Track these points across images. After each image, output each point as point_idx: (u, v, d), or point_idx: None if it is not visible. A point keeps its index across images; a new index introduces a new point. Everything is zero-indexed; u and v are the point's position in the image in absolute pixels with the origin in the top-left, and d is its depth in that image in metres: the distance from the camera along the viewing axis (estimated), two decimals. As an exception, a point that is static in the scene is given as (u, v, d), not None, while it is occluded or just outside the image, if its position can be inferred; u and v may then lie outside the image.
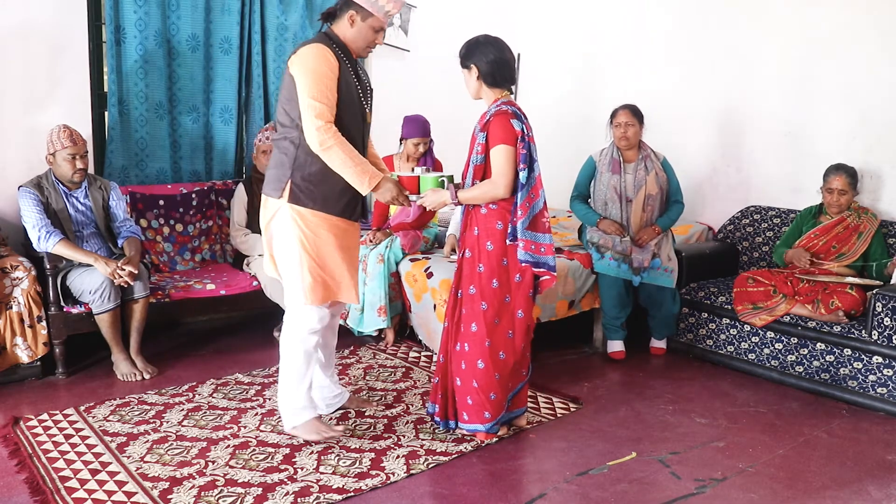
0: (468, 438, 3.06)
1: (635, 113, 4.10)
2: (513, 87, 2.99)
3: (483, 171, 2.91)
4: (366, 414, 3.30)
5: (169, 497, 2.56)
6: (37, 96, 4.07)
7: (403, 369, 3.89)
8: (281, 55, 4.80)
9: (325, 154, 2.73)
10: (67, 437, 3.02)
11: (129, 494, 2.57)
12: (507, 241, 2.90)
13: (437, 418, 3.11)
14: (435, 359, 3.99)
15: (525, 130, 2.85)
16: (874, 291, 3.46)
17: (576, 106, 5.60)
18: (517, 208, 2.86)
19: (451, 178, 2.97)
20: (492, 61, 2.88)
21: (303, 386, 2.96)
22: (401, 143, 4.39)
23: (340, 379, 3.72)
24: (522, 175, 2.84)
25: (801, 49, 4.35)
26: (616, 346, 4.15)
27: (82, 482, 2.65)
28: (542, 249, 2.90)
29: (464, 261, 3.02)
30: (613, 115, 4.16)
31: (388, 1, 2.81)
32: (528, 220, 2.86)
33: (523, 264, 2.90)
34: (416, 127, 4.24)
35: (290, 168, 2.82)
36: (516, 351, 2.99)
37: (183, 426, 3.14)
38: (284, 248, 2.87)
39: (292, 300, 2.92)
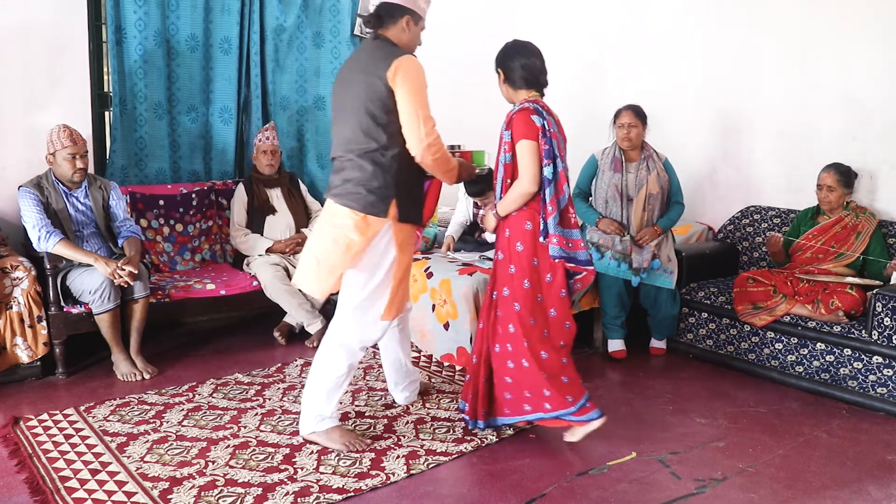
0: (468, 439, 3.06)
1: (638, 114, 4.10)
2: (542, 90, 3.03)
3: (512, 169, 2.95)
4: (366, 414, 3.30)
5: (169, 497, 2.56)
6: (37, 96, 4.07)
7: (403, 369, 3.89)
8: (280, 55, 4.80)
9: (433, 164, 2.79)
10: (67, 437, 3.02)
11: (129, 494, 2.57)
12: (541, 239, 2.92)
13: (467, 416, 3.11)
14: (436, 358, 4.00)
15: (546, 126, 2.88)
16: (874, 291, 3.47)
17: (577, 106, 5.58)
18: (546, 204, 2.90)
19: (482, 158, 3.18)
20: (516, 66, 2.96)
21: (336, 396, 2.95)
22: None
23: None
24: (547, 170, 2.87)
25: (802, 49, 4.35)
26: (616, 345, 4.16)
27: (82, 482, 2.65)
28: (571, 245, 2.94)
29: (497, 263, 3.04)
30: (617, 115, 4.16)
31: (426, 2, 2.89)
32: (558, 215, 2.90)
33: (556, 260, 2.92)
34: None
35: (395, 185, 2.78)
36: (556, 348, 2.98)
37: (183, 426, 3.14)
38: (374, 267, 2.83)
39: (356, 314, 2.87)
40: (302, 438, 3.00)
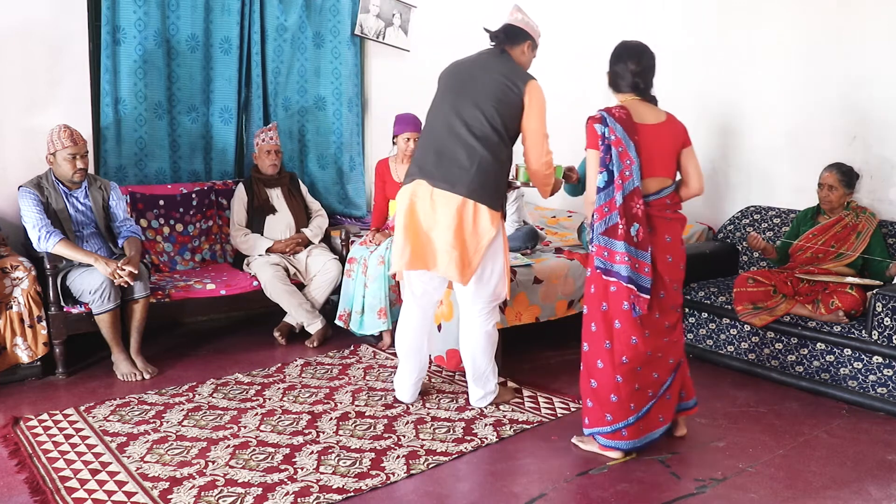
0: (468, 439, 3.06)
1: None
2: (638, 93, 3.00)
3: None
4: (367, 414, 3.30)
5: (169, 497, 2.56)
6: (37, 96, 4.07)
7: (403, 369, 3.88)
8: (280, 55, 4.80)
9: (543, 178, 3.24)
10: (67, 437, 3.02)
11: (129, 494, 2.57)
12: (590, 248, 2.91)
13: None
14: (433, 359, 4.00)
15: (607, 134, 2.83)
16: (874, 291, 3.46)
17: (573, 105, 5.58)
18: (594, 212, 2.85)
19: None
20: (611, 71, 3.04)
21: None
22: (393, 145, 4.39)
23: (341, 378, 3.72)
24: (600, 178, 2.84)
25: (802, 49, 4.35)
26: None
27: (82, 482, 2.65)
28: (617, 258, 2.80)
29: None
30: None
31: (539, 34, 3.28)
32: (604, 225, 2.83)
33: (596, 270, 2.87)
34: (407, 122, 4.26)
35: (503, 184, 3.18)
36: (614, 363, 2.86)
37: (183, 426, 3.14)
38: (497, 256, 3.18)
39: (492, 300, 3.23)
40: (479, 408, 3.38)
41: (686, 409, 3.12)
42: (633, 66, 2.95)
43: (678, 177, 3.06)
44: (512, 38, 3.19)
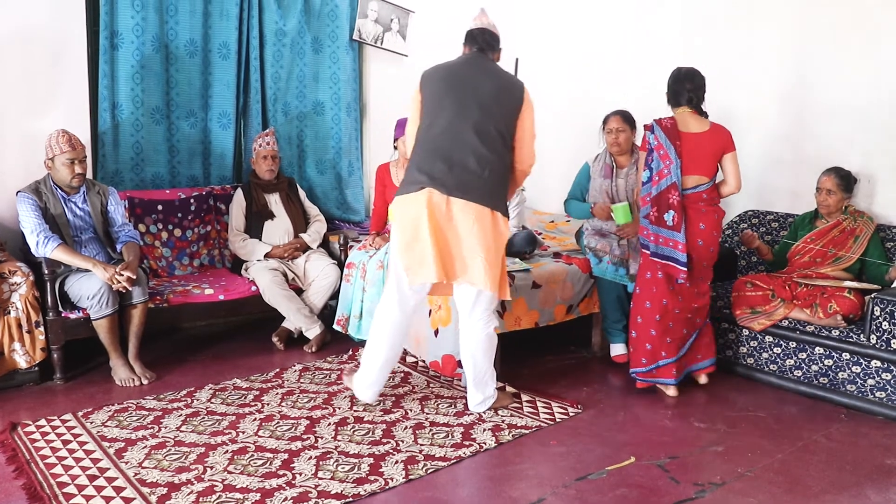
0: (467, 444, 3.06)
1: (626, 118, 4.13)
2: (689, 105, 3.63)
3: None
4: (365, 419, 3.30)
5: (167, 503, 2.55)
6: (35, 102, 4.07)
7: (402, 374, 3.88)
8: (279, 60, 4.80)
9: (527, 175, 3.39)
10: (65, 442, 3.02)
11: (128, 500, 2.57)
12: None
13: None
14: (426, 365, 3.99)
15: (651, 140, 3.57)
16: (872, 295, 3.47)
17: (573, 110, 5.60)
18: (640, 199, 3.63)
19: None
20: (671, 90, 3.68)
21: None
22: (395, 149, 4.39)
23: (339, 383, 3.72)
24: (644, 175, 3.60)
25: (799, 53, 4.36)
26: (618, 349, 4.15)
27: (80, 488, 2.65)
28: (652, 238, 3.56)
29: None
30: (605, 121, 4.19)
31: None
32: (645, 210, 3.57)
33: (644, 251, 3.61)
34: None
35: (506, 187, 3.27)
36: (668, 314, 3.58)
37: (181, 432, 3.14)
38: (500, 259, 3.21)
39: (493, 303, 3.28)
40: (477, 414, 3.39)
41: (703, 368, 3.76)
42: (689, 86, 3.63)
43: (720, 177, 3.69)
44: (492, 44, 3.31)
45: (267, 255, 4.38)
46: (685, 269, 3.49)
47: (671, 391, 3.64)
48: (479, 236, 3.07)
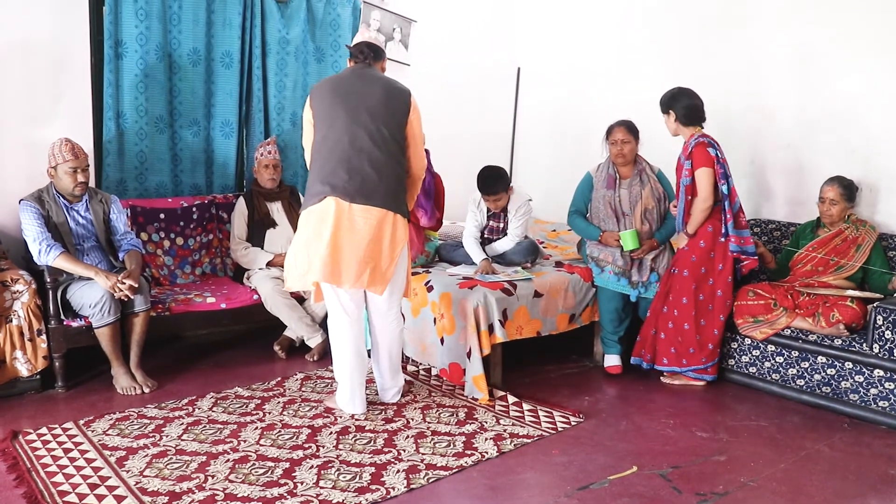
0: (468, 453, 3.05)
1: (631, 129, 4.11)
2: (703, 125, 3.86)
3: (692, 189, 3.81)
4: (367, 428, 3.29)
5: (168, 512, 2.55)
6: (38, 110, 4.09)
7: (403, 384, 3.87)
8: (282, 69, 4.82)
9: (418, 181, 3.51)
10: (66, 451, 3.02)
11: (128, 509, 2.57)
12: (721, 239, 3.80)
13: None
14: (435, 372, 3.99)
15: (718, 155, 3.76)
16: (875, 304, 3.46)
17: (574, 118, 5.62)
18: (725, 213, 3.78)
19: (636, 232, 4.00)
20: (685, 106, 3.82)
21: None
22: None
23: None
24: (723, 188, 3.76)
25: (801, 62, 4.37)
26: (612, 360, 4.14)
27: (81, 497, 2.64)
28: (743, 241, 3.80)
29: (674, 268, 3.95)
30: (609, 131, 4.16)
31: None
32: (734, 221, 3.78)
33: (733, 254, 3.79)
34: None
35: (404, 189, 3.38)
36: (715, 320, 3.85)
37: (182, 440, 3.13)
38: (404, 261, 3.38)
39: (400, 300, 3.49)
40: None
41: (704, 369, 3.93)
42: (700, 104, 3.84)
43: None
44: (376, 55, 3.44)
45: (269, 264, 4.38)
46: (756, 258, 3.84)
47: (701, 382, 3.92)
48: (375, 241, 3.20)
